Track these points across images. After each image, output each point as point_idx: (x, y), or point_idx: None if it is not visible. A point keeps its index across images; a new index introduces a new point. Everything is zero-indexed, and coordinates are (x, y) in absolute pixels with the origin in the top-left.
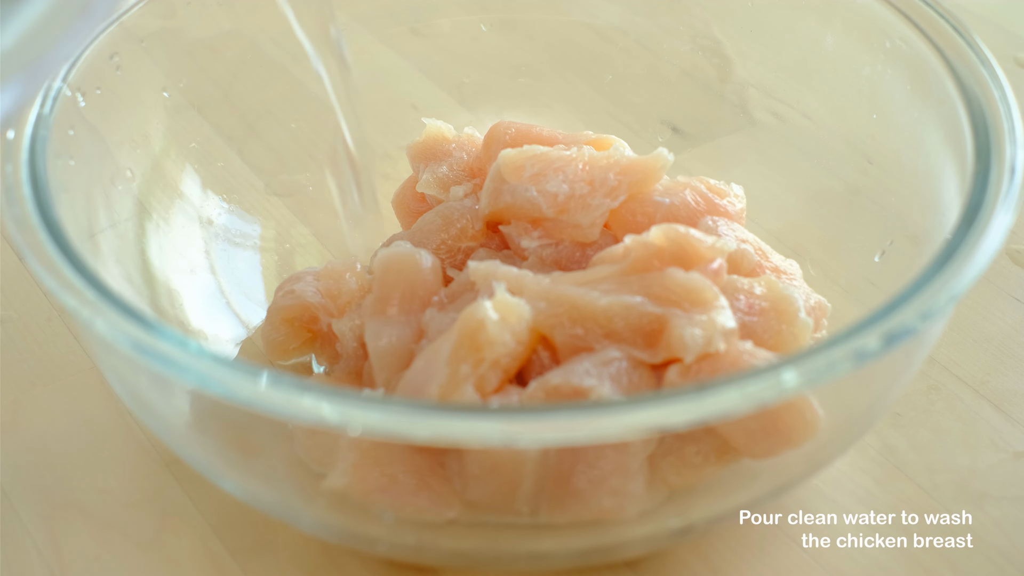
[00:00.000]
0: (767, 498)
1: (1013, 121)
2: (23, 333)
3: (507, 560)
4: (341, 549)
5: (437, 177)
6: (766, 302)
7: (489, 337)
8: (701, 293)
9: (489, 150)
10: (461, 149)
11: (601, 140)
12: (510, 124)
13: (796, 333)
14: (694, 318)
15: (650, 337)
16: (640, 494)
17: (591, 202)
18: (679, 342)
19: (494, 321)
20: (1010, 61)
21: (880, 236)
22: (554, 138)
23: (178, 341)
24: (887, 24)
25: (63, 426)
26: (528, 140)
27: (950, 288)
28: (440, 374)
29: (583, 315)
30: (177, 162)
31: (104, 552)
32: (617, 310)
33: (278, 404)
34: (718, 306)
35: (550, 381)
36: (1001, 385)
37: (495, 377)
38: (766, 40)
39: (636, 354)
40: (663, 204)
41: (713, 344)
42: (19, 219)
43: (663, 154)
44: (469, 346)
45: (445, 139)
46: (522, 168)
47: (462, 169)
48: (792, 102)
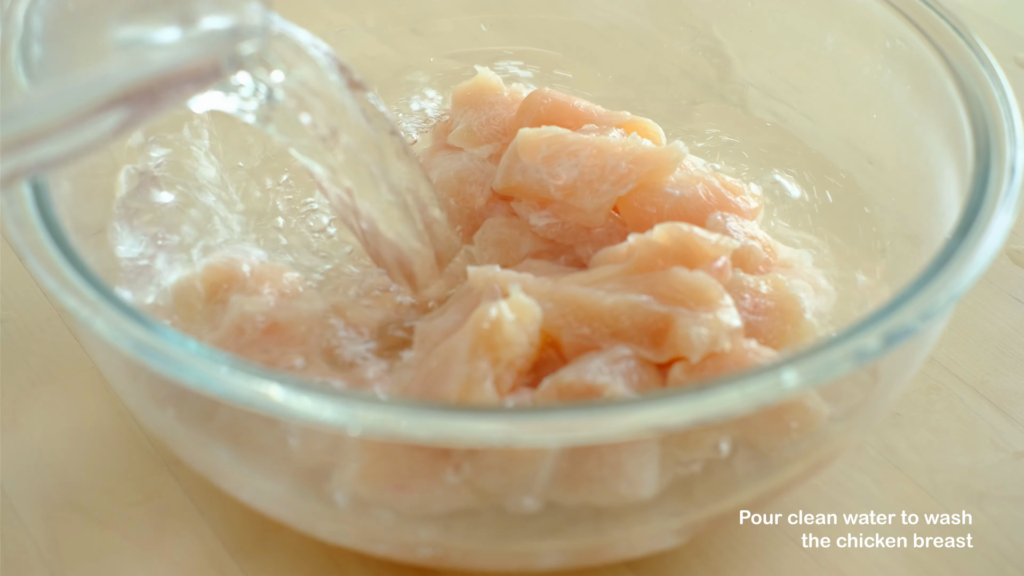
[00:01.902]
0: (767, 498)
1: (1013, 121)
2: (23, 333)
3: (508, 557)
4: (341, 549)
5: (470, 130)
6: (772, 301)
7: (506, 337)
8: (706, 292)
9: (522, 117)
10: (504, 104)
11: (636, 122)
12: (548, 94)
13: (801, 333)
14: (700, 317)
15: (656, 336)
16: (654, 477)
17: (599, 188)
18: (685, 341)
19: (511, 321)
20: (1010, 61)
21: (880, 236)
22: (589, 115)
23: (178, 341)
24: (887, 24)
25: (63, 426)
26: (562, 113)
27: (950, 288)
28: (459, 373)
29: (589, 314)
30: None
31: (104, 552)
32: (623, 309)
33: (278, 404)
34: (723, 305)
35: (563, 379)
36: (1001, 385)
37: (510, 377)
38: (766, 40)
39: (642, 353)
40: (673, 196)
41: (719, 343)
42: (19, 219)
43: (678, 146)
44: (486, 346)
45: (492, 89)
46: (537, 148)
47: (498, 124)
48: (792, 102)
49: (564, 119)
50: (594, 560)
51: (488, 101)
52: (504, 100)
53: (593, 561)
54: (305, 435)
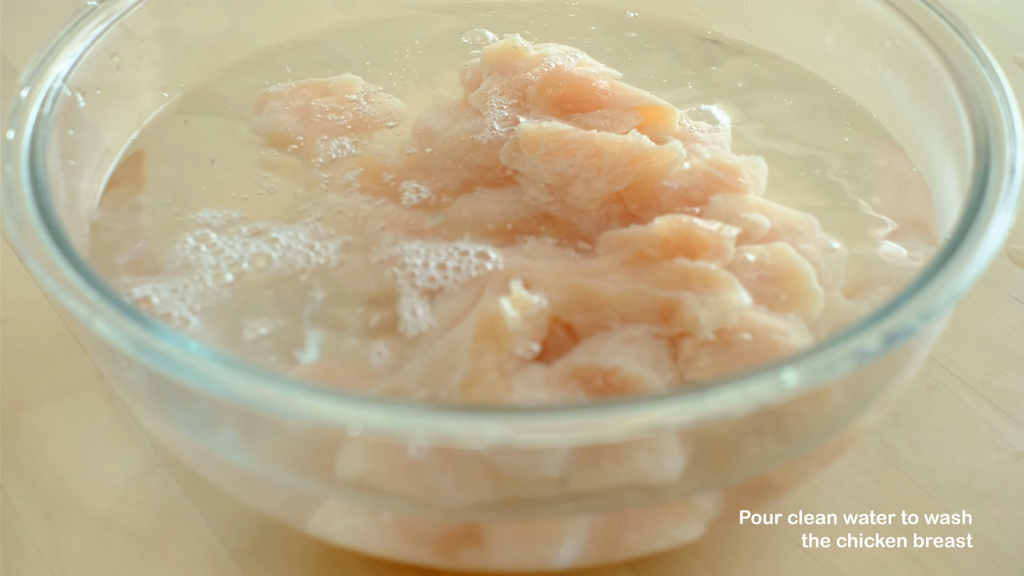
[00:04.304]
0: (767, 498)
1: (1013, 121)
2: (23, 333)
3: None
4: (341, 549)
5: (489, 95)
6: (777, 272)
7: (507, 331)
8: (711, 278)
9: (536, 98)
10: (528, 67)
11: (653, 108)
12: (565, 76)
13: (808, 301)
14: (707, 299)
15: (664, 315)
16: (676, 450)
17: (594, 185)
18: (693, 323)
19: (512, 318)
20: (1010, 61)
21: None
22: (604, 98)
23: (178, 341)
24: (887, 24)
25: (63, 426)
26: (578, 97)
27: (950, 288)
28: (463, 365)
29: (598, 302)
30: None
31: (104, 552)
32: (631, 297)
33: (279, 404)
34: (731, 286)
35: (576, 361)
36: (1001, 385)
37: (515, 363)
38: (766, 40)
39: (652, 330)
40: (671, 188)
41: (727, 321)
42: (19, 219)
43: (676, 147)
44: (489, 337)
45: (520, 55)
46: (536, 145)
47: (519, 90)
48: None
49: (580, 102)
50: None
51: (512, 67)
52: (529, 63)
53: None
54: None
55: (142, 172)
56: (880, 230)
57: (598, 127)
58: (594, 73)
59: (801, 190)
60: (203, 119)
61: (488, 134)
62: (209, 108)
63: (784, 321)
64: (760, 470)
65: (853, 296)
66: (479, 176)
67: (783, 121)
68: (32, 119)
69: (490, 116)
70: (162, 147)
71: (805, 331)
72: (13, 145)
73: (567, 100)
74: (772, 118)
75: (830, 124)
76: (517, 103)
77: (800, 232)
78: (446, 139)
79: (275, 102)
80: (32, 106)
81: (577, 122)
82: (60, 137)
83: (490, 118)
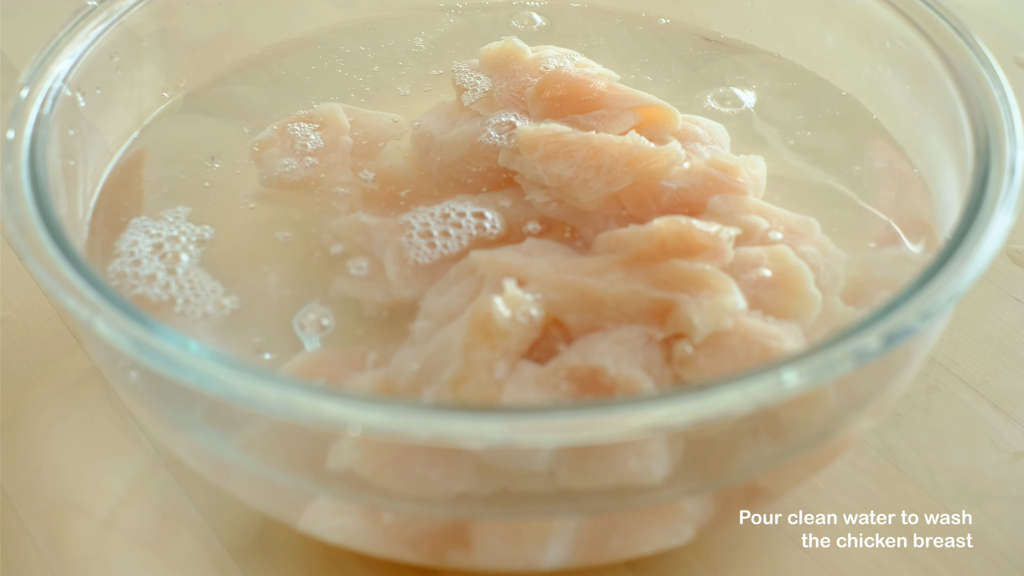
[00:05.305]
0: (767, 498)
1: (1013, 121)
2: (23, 333)
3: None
4: (341, 549)
5: (490, 96)
6: (775, 275)
7: (500, 330)
8: (707, 280)
9: (535, 100)
10: (526, 69)
11: (652, 108)
12: (563, 78)
13: (806, 305)
14: (703, 302)
15: (659, 317)
16: (665, 453)
17: (593, 186)
18: (688, 325)
19: (505, 317)
20: (1010, 61)
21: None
22: (603, 98)
23: (178, 341)
24: (887, 24)
25: (63, 426)
26: (576, 99)
27: (950, 288)
28: (455, 362)
29: (593, 302)
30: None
31: (104, 552)
32: (626, 297)
33: (279, 404)
34: (727, 289)
35: (567, 362)
36: (1001, 385)
37: (507, 361)
38: (766, 40)
39: (646, 331)
40: (670, 189)
41: (722, 324)
42: (19, 219)
43: (675, 148)
44: (482, 335)
45: (518, 57)
46: (535, 148)
47: (517, 91)
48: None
49: (579, 103)
50: (598, 557)
51: (510, 69)
52: (527, 66)
53: (597, 558)
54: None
55: (142, 172)
56: (880, 230)
57: (597, 128)
58: (592, 74)
59: (801, 191)
60: (203, 119)
61: (487, 137)
62: (209, 108)
63: (778, 326)
64: (755, 474)
65: (853, 301)
66: (478, 178)
67: (783, 121)
68: (32, 119)
69: (489, 118)
70: (162, 147)
71: (800, 336)
72: (13, 145)
73: (565, 101)
74: (772, 118)
75: (830, 124)
76: (516, 105)
77: (800, 234)
78: (445, 142)
79: (271, 149)
80: (32, 106)
81: (576, 123)
82: (60, 137)
83: (489, 120)
